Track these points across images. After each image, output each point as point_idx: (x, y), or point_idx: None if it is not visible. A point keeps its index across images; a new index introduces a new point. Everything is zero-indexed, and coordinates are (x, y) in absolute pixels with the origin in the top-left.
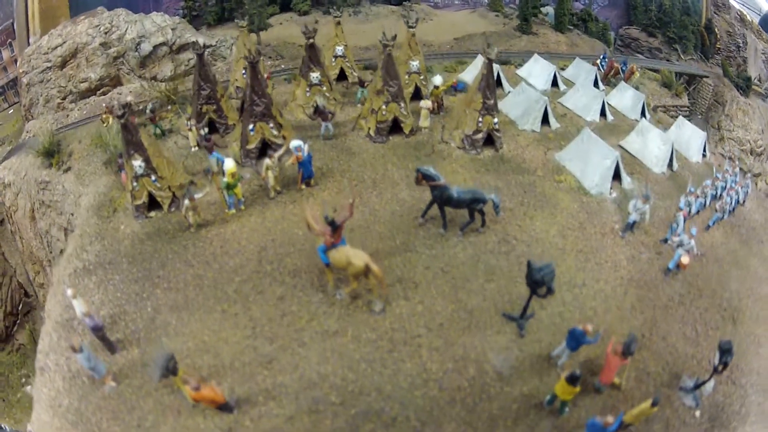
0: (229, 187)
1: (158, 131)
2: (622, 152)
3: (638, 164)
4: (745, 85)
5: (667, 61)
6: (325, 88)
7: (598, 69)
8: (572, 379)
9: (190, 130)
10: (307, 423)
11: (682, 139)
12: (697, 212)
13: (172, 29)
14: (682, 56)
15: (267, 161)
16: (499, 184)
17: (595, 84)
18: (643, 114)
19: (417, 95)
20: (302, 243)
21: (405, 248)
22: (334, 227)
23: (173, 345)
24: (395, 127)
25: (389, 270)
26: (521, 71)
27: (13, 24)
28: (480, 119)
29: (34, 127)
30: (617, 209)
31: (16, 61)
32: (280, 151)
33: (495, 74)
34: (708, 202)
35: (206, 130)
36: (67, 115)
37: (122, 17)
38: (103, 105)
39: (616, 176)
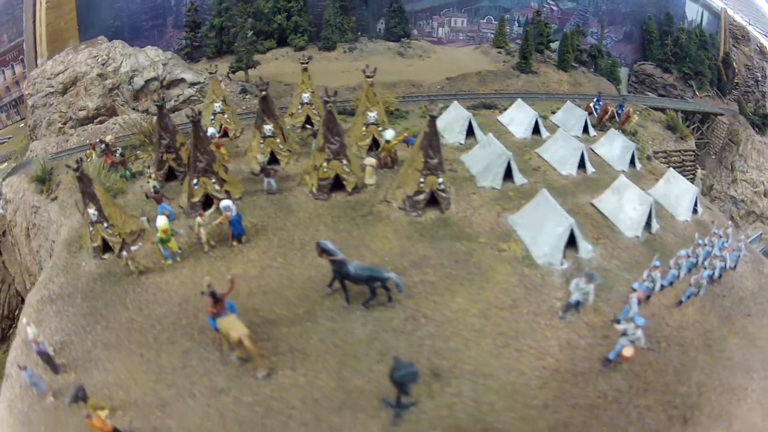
0: (163, 241)
1: (128, 174)
2: (593, 212)
3: (609, 227)
4: (761, 123)
5: (681, 99)
6: (278, 140)
7: (591, 113)
8: None
9: (150, 177)
10: None
11: (670, 194)
12: (670, 284)
13: (164, 64)
14: (697, 93)
15: (198, 219)
16: (429, 253)
17: (585, 130)
18: (632, 164)
19: (376, 147)
20: None
21: (307, 318)
22: (215, 299)
23: (99, 377)
24: (340, 184)
25: (285, 338)
26: (503, 117)
27: (24, 42)
28: (422, 179)
29: (37, 148)
30: (565, 284)
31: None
32: (210, 210)
33: (467, 122)
34: (683, 274)
35: (155, 183)
36: (67, 140)
37: (119, 50)
38: (88, 142)
39: (574, 244)
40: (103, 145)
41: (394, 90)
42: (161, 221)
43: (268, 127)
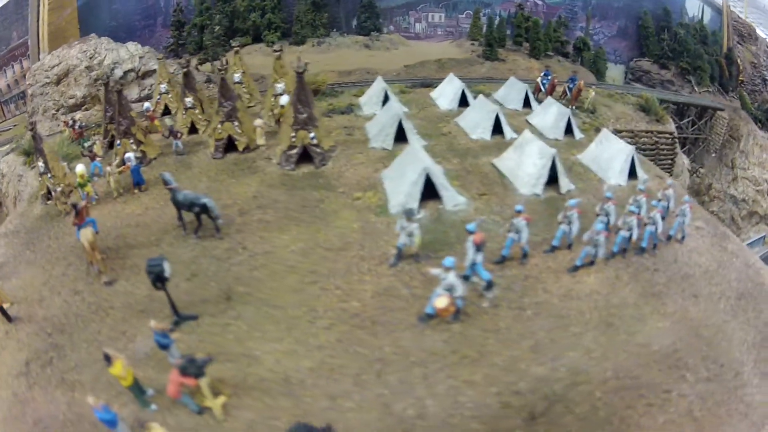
0: (81, 185)
1: (85, 144)
2: (491, 171)
3: (503, 184)
4: (764, 118)
5: (675, 93)
6: (197, 111)
7: (540, 90)
8: (106, 358)
9: (95, 143)
10: (26, 338)
11: (601, 157)
12: (569, 246)
13: (140, 57)
14: (696, 88)
15: (107, 168)
16: (280, 198)
17: (526, 103)
18: (569, 133)
19: None
20: (109, 231)
21: (155, 244)
22: (77, 211)
23: (14, 283)
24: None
25: (133, 257)
26: (434, 93)
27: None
28: (293, 134)
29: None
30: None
31: None
32: (116, 161)
33: (383, 93)
34: (575, 230)
35: (89, 144)
36: (58, 125)
37: (104, 45)
38: (62, 120)
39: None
40: (71, 121)
41: (348, 77)
42: (79, 168)
43: (188, 100)
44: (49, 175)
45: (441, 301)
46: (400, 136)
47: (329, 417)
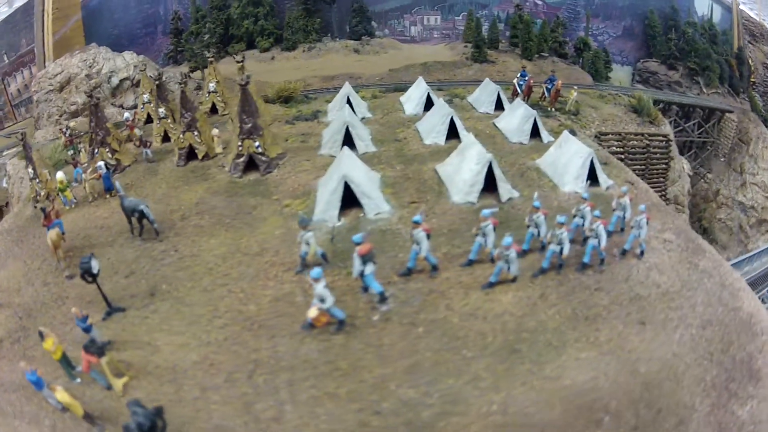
0: (61, 190)
1: (74, 151)
2: (432, 177)
3: (439, 192)
4: None
5: (681, 94)
6: (170, 121)
7: (515, 91)
8: (40, 335)
9: (81, 150)
10: (3, 320)
11: (559, 161)
12: (491, 260)
13: (135, 66)
14: (704, 89)
15: (83, 175)
16: (219, 204)
17: (499, 105)
18: (536, 136)
19: None
20: (79, 232)
21: (110, 244)
22: (44, 213)
23: (1, 274)
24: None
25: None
26: (402, 97)
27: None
28: (240, 143)
29: (39, 136)
30: (330, 241)
31: None
32: (90, 169)
33: (346, 99)
34: (490, 243)
35: (71, 152)
36: (61, 130)
37: (102, 54)
38: (58, 127)
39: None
40: (65, 129)
41: (331, 82)
42: (59, 174)
43: (161, 110)
44: (37, 181)
45: (312, 312)
46: (352, 143)
47: (197, 406)
